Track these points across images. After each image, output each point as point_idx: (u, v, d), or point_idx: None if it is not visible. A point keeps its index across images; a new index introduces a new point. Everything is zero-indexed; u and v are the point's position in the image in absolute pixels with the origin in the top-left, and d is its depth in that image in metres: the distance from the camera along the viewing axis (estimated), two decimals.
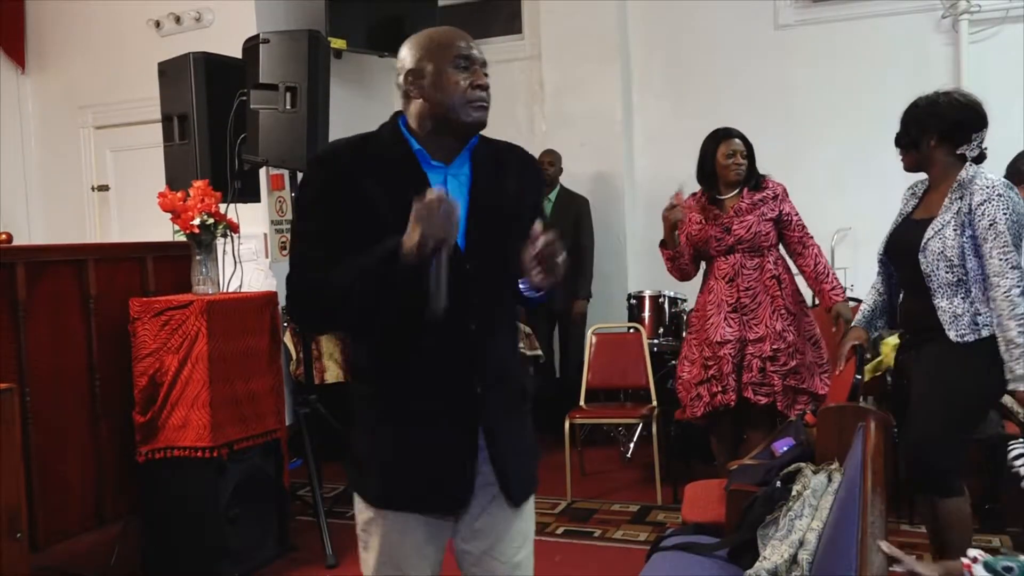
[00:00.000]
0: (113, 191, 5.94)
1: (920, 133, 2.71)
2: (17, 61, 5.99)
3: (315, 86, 3.68)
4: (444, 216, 1.52)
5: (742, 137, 3.63)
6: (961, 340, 2.58)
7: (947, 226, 2.62)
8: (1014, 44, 4.95)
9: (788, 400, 3.50)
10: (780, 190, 3.63)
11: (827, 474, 2.30)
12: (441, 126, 1.71)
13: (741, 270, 3.57)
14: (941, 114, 2.67)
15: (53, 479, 3.20)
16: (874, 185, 5.26)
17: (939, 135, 2.67)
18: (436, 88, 1.68)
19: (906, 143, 2.76)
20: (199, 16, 5.40)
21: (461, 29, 1.77)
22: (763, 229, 3.55)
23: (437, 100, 1.68)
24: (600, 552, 3.68)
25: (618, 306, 5.32)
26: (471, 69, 1.69)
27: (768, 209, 3.56)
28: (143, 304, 3.35)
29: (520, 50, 6.15)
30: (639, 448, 4.85)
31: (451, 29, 1.75)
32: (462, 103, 1.68)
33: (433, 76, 1.68)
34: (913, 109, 2.74)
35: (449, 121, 1.69)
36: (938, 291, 2.63)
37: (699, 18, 5.67)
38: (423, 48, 1.71)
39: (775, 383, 3.48)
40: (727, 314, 3.56)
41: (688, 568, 2.29)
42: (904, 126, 2.76)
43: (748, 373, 3.51)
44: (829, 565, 1.76)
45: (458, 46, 1.69)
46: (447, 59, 1.68)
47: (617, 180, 5.77)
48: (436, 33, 1.74)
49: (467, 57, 1.69)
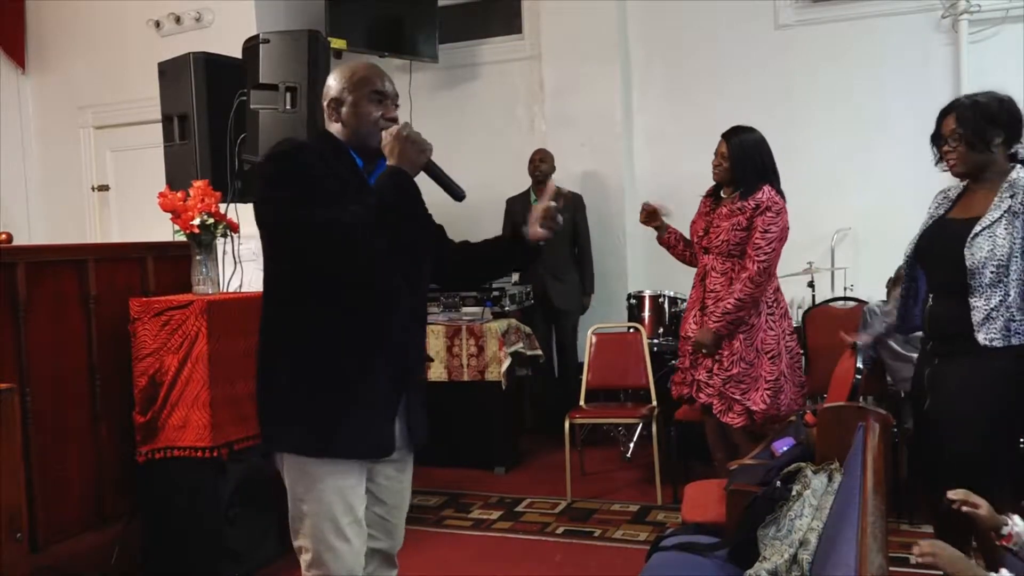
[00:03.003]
0: (113, 191, 5.94)
1: (995, 132, 2.53)
2: (17, 61, 6.00)
3: (315, 86, 3.68)
4: (417, 133, 1.97)
5: (733, 140, 3.58)
6: (989, 344, 2.48)
7: (998, 223, 2.51)
8: (1014, 44, 4.95)
9: (724, 406, 3.53)
10: (766, 202, 3.48)
11: (827, 474, 2.30)
12: (356, 145, 2.06)
13: (711, 272, 3.61)
14: (1011, 112, 2.54)
15: (53, 479, 3.20)
16: (874, 185, 5.28)
17: (1007, 135, 2.54)
18: (352, 116, 2.04)
19: (981, 143, 2.54)
20: (199, 16, 5.40)
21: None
22: (731, 239, 3.51)
23: (353, 127, 2.04)
24: (600, 552, 3.68)
25: (618, 306, 5.32)
26: (384, 103, 2.04)
27: (744, 219, 3.50)
28: (143, 304, 3.35)
29: (520, 50, 6.14)
30: (639, 448, 4.85)
31: (372, 66, 2.10)
32: (374, 131, 2.02)
33: (351, 106, 2.03)
34: (977, 106, 2.56)
35: (363, 145, 2.05)
36: (977, 289, 2.51)
37: (699, 18, 5.66)
38: (346, 80, 2.05)
39: (716, 385, 3.53)
40: (696, 311, 3.65)
41: (688, 568, 2.29)
42: (972, 124, 2.55)
43: (699, 371, 3.61)
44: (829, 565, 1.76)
45: (374, 82, 2.04)
46: (364, 93, 2.03)
47: (617, 180, 5.77)
48: (359, 68, 2.08)
49: (381, 92, 2.04)
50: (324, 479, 2.00)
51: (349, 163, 2.05)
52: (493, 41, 6.22)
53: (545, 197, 2.14)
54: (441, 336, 4.86)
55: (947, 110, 2.62)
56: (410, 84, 6.26)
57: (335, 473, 2.01)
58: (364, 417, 2.02)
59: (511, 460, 4.96)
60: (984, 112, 2.54)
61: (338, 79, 2.07)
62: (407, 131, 1.97)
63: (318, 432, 1.99)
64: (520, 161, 5.68)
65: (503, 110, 6.20)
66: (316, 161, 1.97)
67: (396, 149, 1.95)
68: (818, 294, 5.02)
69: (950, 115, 2.60)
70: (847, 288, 5.06)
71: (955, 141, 2.56)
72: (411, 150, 1.96)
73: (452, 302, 5.10)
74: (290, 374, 2.01)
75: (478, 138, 6.23)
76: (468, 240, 2.39)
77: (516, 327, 4.99)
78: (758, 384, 3.49)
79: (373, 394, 2.02)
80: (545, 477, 4.69)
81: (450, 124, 6.31)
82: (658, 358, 4.78)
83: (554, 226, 2.13)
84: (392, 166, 1.94)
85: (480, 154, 6.22)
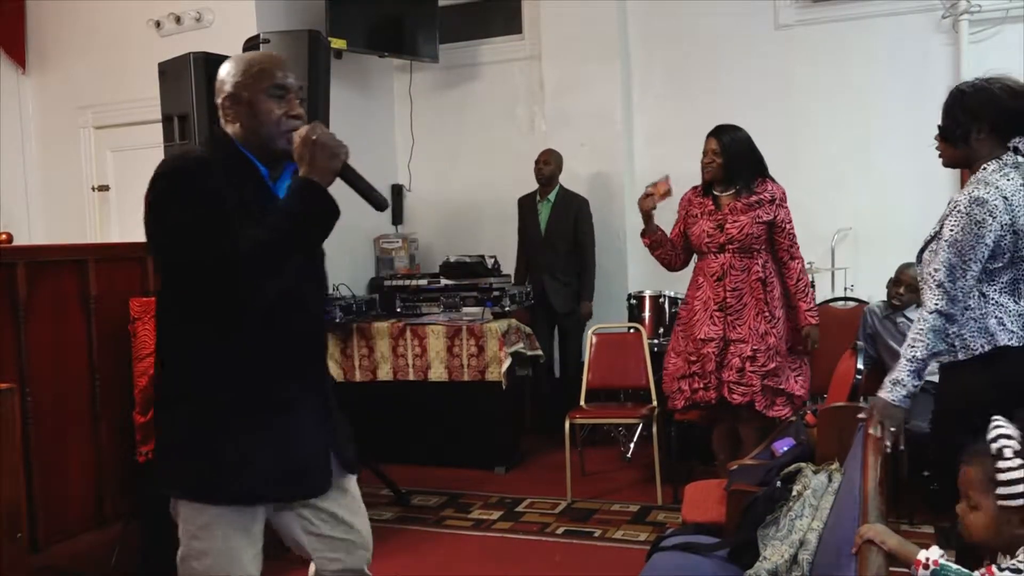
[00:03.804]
0: (113, 191, 5.94)
1: (971, 123, 2.33)
2: (17, 61, 5.99)
3: (315, 86, 3.68)
4: (329, 135, 1.72)
5: (725, 137, 3.60)
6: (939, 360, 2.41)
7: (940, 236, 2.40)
8: (1014, 44, 4.95)
9: (767, 400, 3.55)
10: (779, 194, 3.61)
11: (827, 474, 2.30)
12: (258, 151, 1.80)
13: (730, 270, 3.60)
14: (995, 101, 2.32)
15: (53, 479, 3.20)
16: (874, 185, 5.27)
17: (991, 126, 2.33)
18: (251, 116, 1.78)
19: (957, 136, 2.37)
20: (199, 16, 5.39)
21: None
22: (755, 232, 3.55)
23: (252, 128, 1.79)
24: (600, 552, 3.68)
25: (618, 306, 5.32)
26: (286, 98, 1.79)
27: (764, 212, 3.56)
28: (143, 304, 3.35)
29: (520, 50, 6.14)
30: (639, 448, 4.85)
31: (269, 55, 1.86)
32: (277, 133, 1.78)
33: (248, 104, 1.78)
34: (960, 96, 2.38)
35: (265, 148, 1.80)
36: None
37: (699, 18, 5.66)
38: (241, 74, 1.79)
39: (754, 383, 3.55)
40: (713, 312, 3.63)
41: (688, 568, 2.29)
42: (951, 115, 2.39)
43: (728, 372, 3.59)
44: (829, 565, 1.76)
45: (274, 75, 1.78)
46: (262, 88, 1.77)
47: (617, 180, 5.77)
48: (255, 59, 1.83)
49: (282, 86, 1.78)
50: (208, 530, 1.80)
51: (250, 174, 1.81)
52: (493, 41, 6.22)
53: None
54: (441, 336, 4.86)
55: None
56: (410, 84, 6.27)
57: (229, 523, 1.80)
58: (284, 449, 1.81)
59: (511, 460, 4.96)
60: (966, 102, 2.36)
61: (231, 73, 1.81)
62: (316, 133, 1.72)
63: (216, 473, 1.77)
64: (520, 161, 5.68)
65: (503, 110, 6.20)
66: (209, 181, 1.71)
67: (306, 156, 1.71)
68: (818, 294, 5.02)
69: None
70: (847, 288, 5.06)
71: (938, 132, 2.49)
72: (321, 156, 1.71)
73: (452, 302, 5.10)
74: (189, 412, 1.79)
75: (478, 138, 6.23)
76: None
77: (516, 327, 4.99)
78: (788, 374, 3.62)
79: (286, 421, 1.82)
80: (545, 477, 4.68)
81: (450, 124, 6.31)
82: (658, 358, 4.77)
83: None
84: (301, 178, 1.71)
85: (480, 154, 6.23)
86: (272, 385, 1.80)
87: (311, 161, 1.71)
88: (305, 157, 1.71)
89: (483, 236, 6.02)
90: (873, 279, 4.69)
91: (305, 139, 1.71)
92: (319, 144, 1.71)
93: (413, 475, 4.70)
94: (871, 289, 4.78)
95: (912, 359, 2.30)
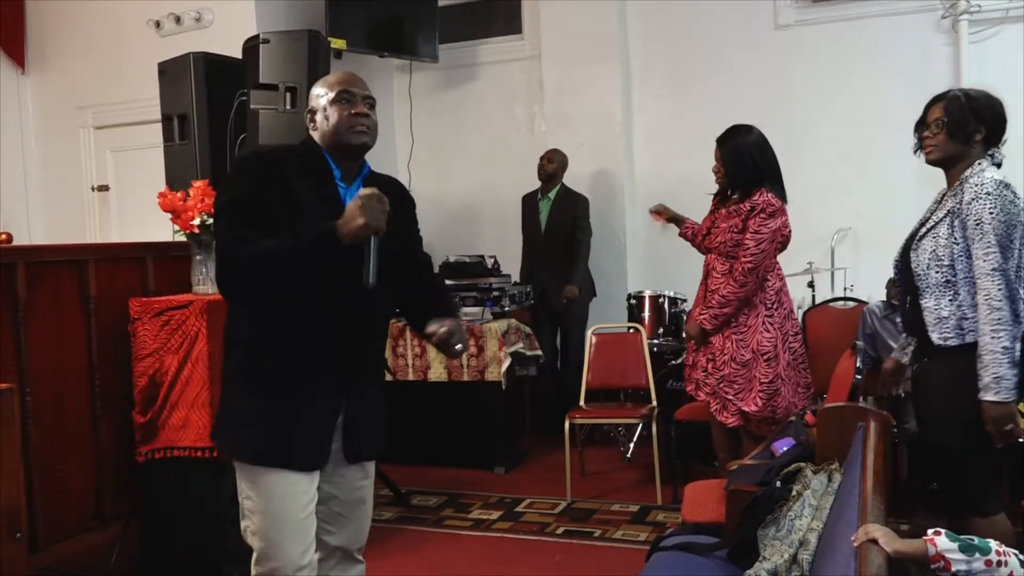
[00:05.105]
0: (113, 191, 5.94)
1: (976, 124, 2.51)
2: (17, 61, 6.00)
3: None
4: (382, 208, 1.96)
5: (724, 147, 3.54)
6: (943, 343, 2.49)
7: (941, 224, 2.52)
8: (1014, 44, 4.95)
9: (719, 405, 3.53)
10: (761, 205, 3.45)
11: (827, 474, 2.30)
12: (333, 148, 2.13)
13: (711, 271, 3.61)
14: (996, 112, 2.53)
15: (53, 479, 3.20)
16: (874, 185, 5.28)
17: (988, 130, 2.52)
18: (325, 119, 2.12)
19: (965, 132, 2.51)
20: (199, 16, 5.40)
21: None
22: (728, 240, 3.52)
23: (326, 129, 2.12)
24: (600, 552, 3.68)
25: (618, 306, 5.32)
26: (352, 102, 2.11)
27: (739, 222, 3.50)
28: (143, 304, 3.34)
29: (520, 50, 6.15)
30: (639, 448, 4.85)
31: (346, 75, 2.19)
32: (345, 128, 2.09)
33: (323, 110, 2.13)
34: (965, 97, 2.54)
35: (338, 143, 2.11)
36: (926, 291, 2.53)
37: (699, 18, 5.67)
38: (322, 88, 2.16)
39: (711, 384, 3.54)
40: (699, 308, 3.64)
41: (688, 568, 2.29)
42: (961, 113, 2.52)
43: (695, 370, 3.64)
44: (829, 565, 1.76)
45: (343, 87, 2.13)
46: (335, 96, 2.12)
47: (617, 180, 5.77)
48: (332, 78, 2.18)
49: (349, 93, 2.12)
50: (269, 478, 2.11)
51: (322, 172, 2.12)
52: (493, 41, 6.23)
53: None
54: None
55: (937, 99, 2.61)
56: (410, 84, 6.27)
57: (280, 475, 2.10)
58: (296, 430, 2.09)
59: (511, 460, 4.96)
60: (972, 104, 2.52)
61: (317, 88, 2.18)
62: (369, 199, 1.95)
63: (254, 440, 2.11)
64: (520, 161, 5.68)
65: (503, 110, 6.20)
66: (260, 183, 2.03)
67: (358, 204, 1.94)
68: (818, 294, 5.03)
69: (939, 103, 2.59)
70: (847, 288, 5.06)
71: (937, 128, 2.55)
72: (371, 214, 1.93)
73: None
74: (231, 385, 2.18)
75: (478, 138, 6.23)
76: (437, 285, 2.47)
77: (516, 327, 4.99)
78: (752, 386, 3.46)
79: (305, 409, 2.09)
80: (545, 477, 4.69)
81: (450, 124, 6.32)
82: (658, 358, 4.78)
83: (450, 354, 2.22)
84: (332, 225, 1.94)
85: (480, 154, 6.24)
86: (293, 372, 2.08)
87: (348, 218, 1.94)
88: (357, 206, 1.94)
89: (483, 236, 6.03)
90: (873, 279, 4.70)
91: (361, 196, 1.96)
92: (364, 208, 1.93)
93: (413, 475, 4.70)
94: (871, 289, 4.79)
95: (1004, 350, 2.37)
